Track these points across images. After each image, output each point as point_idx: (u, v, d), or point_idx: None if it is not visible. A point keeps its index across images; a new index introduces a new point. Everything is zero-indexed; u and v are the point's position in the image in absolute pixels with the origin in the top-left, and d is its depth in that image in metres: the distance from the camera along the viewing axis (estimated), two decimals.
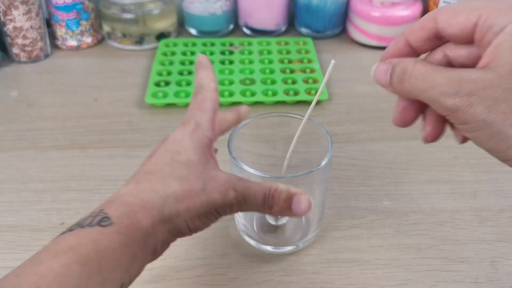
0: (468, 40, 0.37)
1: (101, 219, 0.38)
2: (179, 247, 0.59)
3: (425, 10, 1.04)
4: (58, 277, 0.33)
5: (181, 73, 0.92)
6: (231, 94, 0.85)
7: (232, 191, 0.43)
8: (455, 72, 0.36)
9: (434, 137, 0.43)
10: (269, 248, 0.58)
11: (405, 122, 0.44)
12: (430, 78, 0.37)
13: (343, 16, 1.07)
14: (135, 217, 0.39)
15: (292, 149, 0.52)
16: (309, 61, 0.96)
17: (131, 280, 0.39)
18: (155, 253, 0.42)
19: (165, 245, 0.42)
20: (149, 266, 0.41)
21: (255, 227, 0.61)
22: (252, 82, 0.89)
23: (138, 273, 0.40)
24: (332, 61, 0.44)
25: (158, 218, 0.40)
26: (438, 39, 0.40)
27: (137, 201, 0.40)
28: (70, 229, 0.38)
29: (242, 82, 0.89)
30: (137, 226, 0.39)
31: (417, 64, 0.38)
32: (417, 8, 1.01)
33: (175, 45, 1.02)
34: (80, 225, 0.38)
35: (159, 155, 0.45)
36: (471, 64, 0.38)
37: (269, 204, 0.45)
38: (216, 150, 0.55)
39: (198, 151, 0.45)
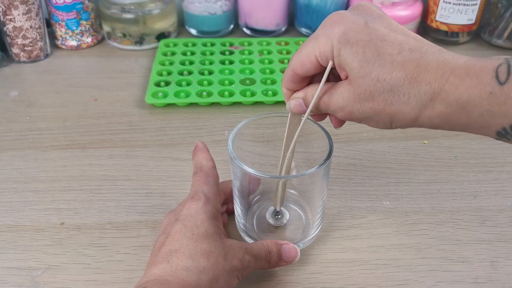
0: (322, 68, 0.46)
1: None
2: None
3: (425, 10, 1.04)
4: None
5: (181, 73, 0.91)
6: (231, 94, 0.85)
7: (247, 255, 0.50)
8: (332, 92, 0.46)
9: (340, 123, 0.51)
10: None
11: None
12: (324, 103, 0.47)
13: None
14: None
15: (292, 149, 0.52)
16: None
17: None
18: None
19: None
20: None
21: (255, 227, 0.61)
22: (252, 82, 0.89)
23: None
24: (330, 62, 0.44)
25: None
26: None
27: (175, 280, 0.44)
28: None
29: (242, 82, 0.89)
30: None
31: (316, 92, 0.47)
32: (417, 8, 1.01)
33: (175, 45, 1.02)
34: None
35: (179, 231, 0.48)
36: None
37: (268, 259, 0.52)
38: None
39: (213, 223, 0.49)
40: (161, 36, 1.05)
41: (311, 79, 0.50)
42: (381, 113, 0.43)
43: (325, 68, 0.45)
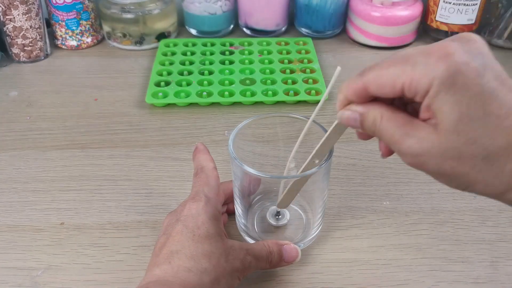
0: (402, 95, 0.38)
1: None
2: None
3: (425, 10, 1.04)
4: None
5: (181, 73, 0.91)
6: (231, 94, 0.85)
7: (248, 256, 0.50)
8: (408, 131, 0.38)
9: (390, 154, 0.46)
10: None
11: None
12: (390, 135, 0.39)
13: (343, 16, 1.07)
14: None
15: (295, 150, 0.52)
16: (309, 61, 0.96)
17: None
18: None
19: None
20: None
21: (255, 227, 0.61)
22: (252, 82, 0.89)
23: None
24: (338, 68, 0.43)
25: None
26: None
27: (177, 281, 0.44)
28: None
29: (242, 82, 0.89)
30: None
31: (383, 118, 0.40)
32: (417, 8, 1.01)
33: (175, 45, 1.02)
34: None
35: (180, 232, 0.48)
36: None
37: (269, 259, 0.52)
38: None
39: (214, 224, 0.49)
40: (161, 36, 1.05)
41: None
42: (462, 177, 0.38)
43: (408, 97, 0.38)
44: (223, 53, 0.99)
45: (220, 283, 0.46)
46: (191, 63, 0.95)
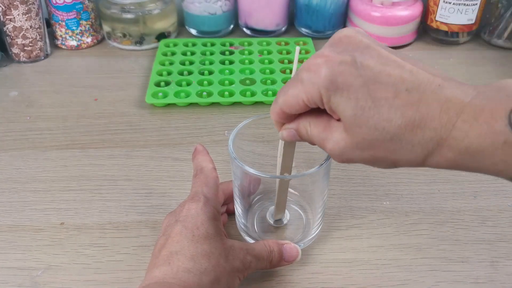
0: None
1: None
2: None
3: (425, 10, 1.04)
4: None
5: (181, 73, 0.91)
6: (231, 94, 0.85)
7: (248, 256, 0.50)
8: (326, 135, 0.42)
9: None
10: None
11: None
12: (318, 140, 0.43)
13: (343, 16, 1.07)
14: None
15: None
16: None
17: None
18: None
19: None
20: None
21: (255, 227, 0.61)
22: (252, 82, 0.89)
23: None
24: (297, 47, 0.45)
25: None
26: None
27: (176, 282, 0.44)
28: None
29: (242, 82, 0.89)
30: None
31: (311, 126, 0.43)
32: (417, 8, 1.01)
33: (175, 45, 1.02)
34: None
35: (179, 233, 0.48)
36: None
37: (269, 259, 0.52)
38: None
39: (213, 224, 0.49)
40: (161, 36, 1.05)
41: None
42: (384, 160, 0.40)
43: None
44: (223, 53, 0.99)
45: (220, 283, 0.46)
46: (191, 63, 0.95)
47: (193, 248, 0.46)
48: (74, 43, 1.04)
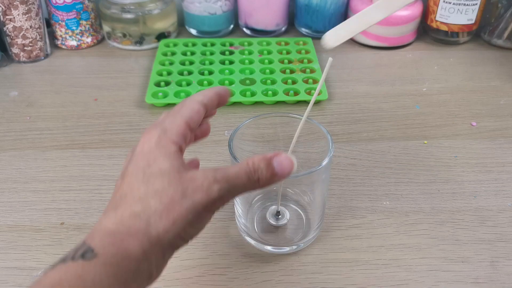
0: None
1: (84, 252, 0.36)
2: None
3: (425, 10, 1.04)
4: None
5: (181, 73, 0.91)
6: (231, 94, 0.85)
7: (215, 184, 0.41)
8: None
9: None
10: (269, 248, 0.58)
11: None
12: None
13: (343, 16, 1.07)
14: (121, 245, 0.37)
15: (291, 149, 0.52)
16: (309, 61, 0.96)
17: None
18: (151, 278, 0.39)
19: (162, 265, 0.40)
20: None
21: (255, 227, 0.61)
22: (252, 82, 0.89)
23: None
24: (330, 59, 0.44)
25: (147, 242, 0.38)
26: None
27: (121, 228, 0.38)
28: (53, 266, 0.35)
29: (242, 82, 0.89)
30: (126, 255, 0.37)
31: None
32: (418, 8, 1.01)
33: (175, 45, 1.02)
34: (62, 260, 0.36)
35: (130, 173, 0.42)
36: None
37: (254, 178, 0.43)
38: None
39: (169, 158, 0.42)
40: (161, 36, 1.05)
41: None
42: None
43: None
44: (223, 53, 0.99)
45: (177, 224, 0.39)
46: (191, 63, 0.95)
47: (143, 188, 0.40)
48: (74, 43, 1.04)
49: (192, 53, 0.99)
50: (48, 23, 1.03)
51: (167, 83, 0.89)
